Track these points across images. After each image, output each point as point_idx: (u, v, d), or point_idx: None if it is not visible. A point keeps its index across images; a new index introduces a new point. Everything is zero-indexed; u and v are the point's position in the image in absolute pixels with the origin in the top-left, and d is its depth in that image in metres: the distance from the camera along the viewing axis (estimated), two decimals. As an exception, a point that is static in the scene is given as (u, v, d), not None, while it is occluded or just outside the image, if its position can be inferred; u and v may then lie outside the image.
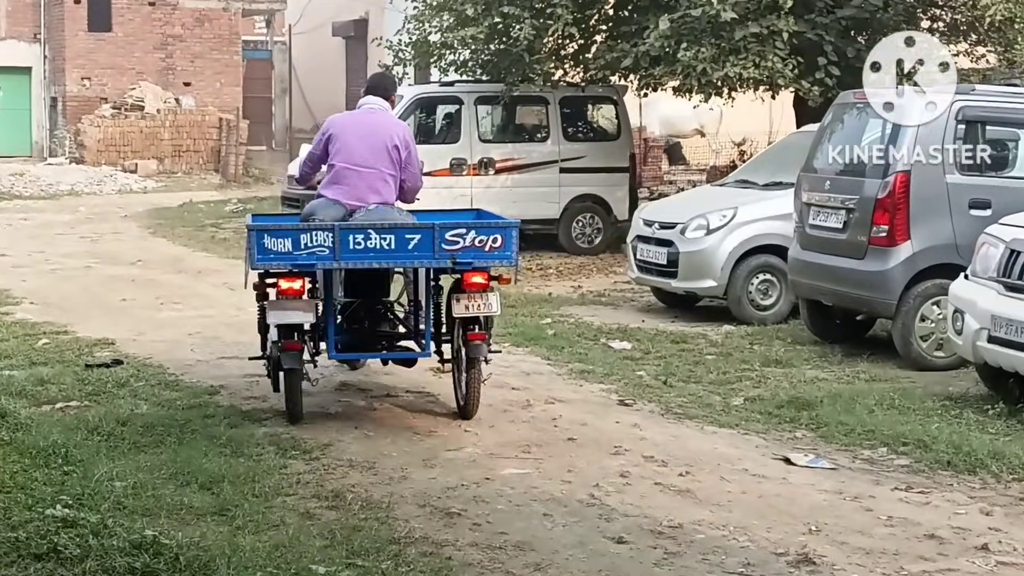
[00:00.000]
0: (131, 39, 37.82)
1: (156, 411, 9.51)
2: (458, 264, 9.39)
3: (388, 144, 9.97)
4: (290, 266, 9.33)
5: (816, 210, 12.60)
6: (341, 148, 9.96)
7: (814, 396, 10.35)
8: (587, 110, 22.01)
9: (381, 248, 9.29)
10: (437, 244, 9.32)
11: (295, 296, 9.32)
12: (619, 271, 17.98)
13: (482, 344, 9.51)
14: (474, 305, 9.43)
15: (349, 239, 9.24)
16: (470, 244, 9.38)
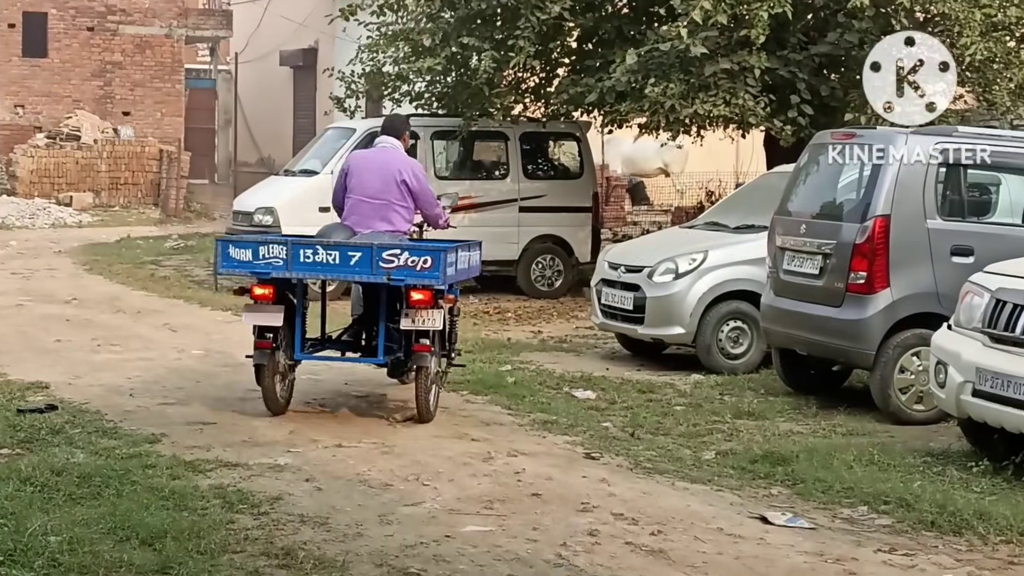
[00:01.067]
0: (68, 66, 37.16)
1: (93, 460, 8.96)
2: (392, 280, 10.50)
3: (397, 178, 11.32)
4: (249, 273, 10.74)
5: (791, 255, 12.20)
6: (356, 183, 11.40)
7: (789, 450, 9.96)
8: (548, 147, 21.66)
9: (327, 262, 10.51)
10: (375, 262, 10.44)
11: (265, 301, 10.63)
12: (581, 316, 17.60)
13: (427, 355, 10.59)
14: (419, 319, 10.50)
15: (300, 252, 10.50)
16: (403, 264, 10.44)
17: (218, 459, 9.19)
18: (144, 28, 37.71)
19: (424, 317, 10.50)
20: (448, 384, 12.34)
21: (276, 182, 21.06)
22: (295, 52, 38.20)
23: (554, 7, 17.45)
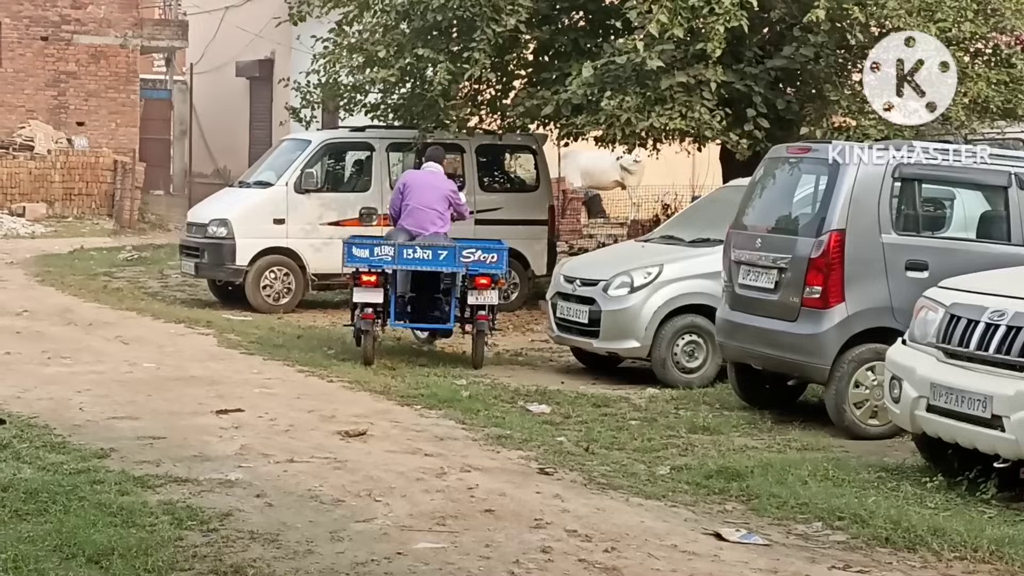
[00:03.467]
0: (21, 75, 36.74)
1: (40, 476, 8.83)
2: (470, 270, 14.76)
3: (443, 194, 15.70)
4: (367, 266, 14.70)
5: (746, 269, 12.17)
6: (415, 195, 15.61)
7: (744, 466, 9.92)
8: (504, 159, 21.60)
9: (423, 258, 14.74)
10: (458, 257, 14.75)
11: (371, 285, 14.65)
12: (537, 329, 17.55)
13: (485, 322, 14.86)
14: (481, 297, 14.78)
15: (403, 251, 14.72)
16: (477, 259, 14.83)
17: (168, 474, 9.06)
18: (99, 38, 37.37)
19: (486, 295, 14.73)
20: (401, 398, 12.31)
21: (230, 194, 20.92)
22: (251, 63, 38.00)
23: (510, 20, 17.40)
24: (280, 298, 19.38)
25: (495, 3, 17.48)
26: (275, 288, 19.36)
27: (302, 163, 19.63)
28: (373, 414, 11.57)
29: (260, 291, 19.25)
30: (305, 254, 19.45)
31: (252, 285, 19.22)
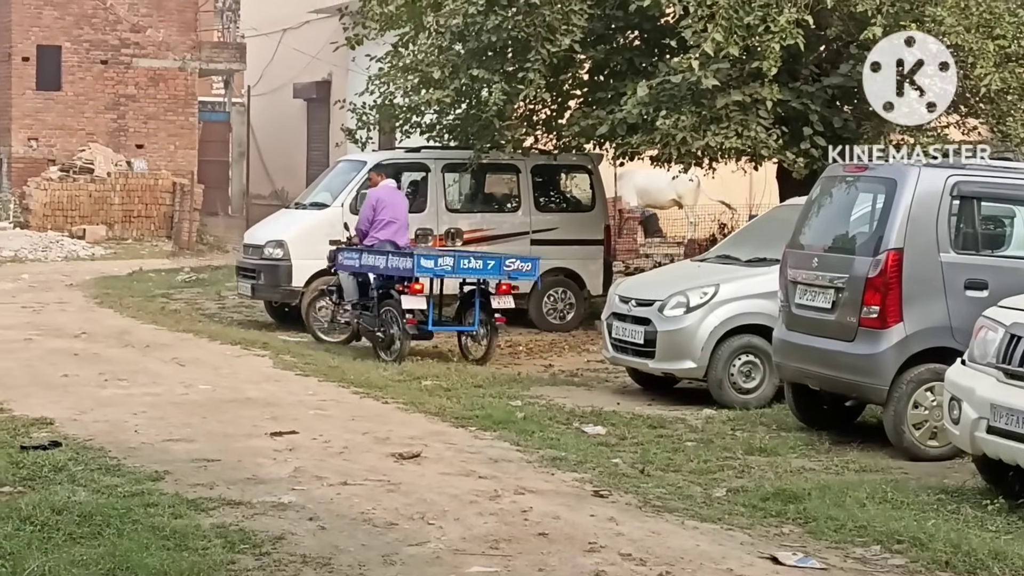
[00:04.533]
0: (82, 99, 37.06)
1: (95, 499, 8.83)
2: (511, 277, 16.68)
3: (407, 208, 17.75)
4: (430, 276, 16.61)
5: (803, 289, 12.06)
6: (390, 210, 17.36)
7: (801, 488, 9.80)
8: (560, 179, 21.55)
9: (476, 267, 16.46)
10: (502, 267, 16.45)
11: (418, 293, 16.26)
12: (592, 349, 17.46)
13: (502, 324, 17.06)
14: (502, 302, 16.70)
15: (460, 261, 16.42)
16: (516, 268, 16.61)
17: (221, 497, 9.05)
18: (158, 61, 37.67)
19: (505, 300, 16.64)
20: (455, 419, 12.28)
21: (287, 215, 20.97)
22: (308, 85, 38.19)
23: (564, 40, 17.38)
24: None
25: (549, 23, 17.46)
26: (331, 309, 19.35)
27: (358, 184, 19.64)
28: (427, 436, 11.52)
29: (317, 312, 19.26)
30: (362, 275, 19.44)
31: (308, 306, 19.24)
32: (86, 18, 36.94)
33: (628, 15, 17.83)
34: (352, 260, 17.27)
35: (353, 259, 17.25)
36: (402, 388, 14.14)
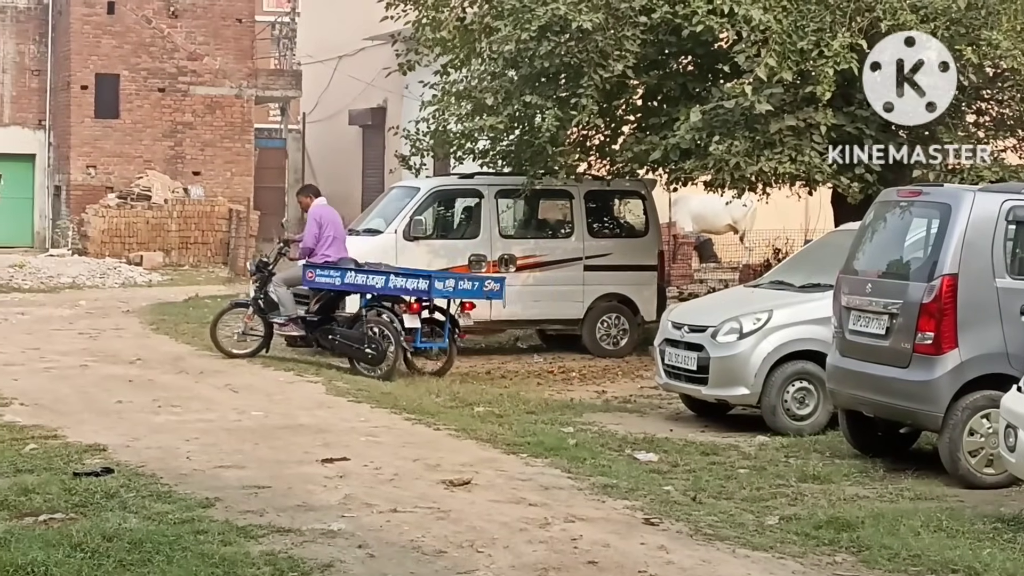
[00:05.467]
0: (139, 126, 37.42)
1: (145, 525, 8.84)
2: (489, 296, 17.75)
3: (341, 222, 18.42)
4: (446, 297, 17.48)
5: (856, 314, 11.96)
6: (333, 228, 17.98)
7: (855, 516, 9.71)
8: (613, 205, 21.50)
9: (469, 289, 17.42)
10: (482, 288, 17.45)
11: (416, 312, 17.25)
12: (646, 375, 17.37)
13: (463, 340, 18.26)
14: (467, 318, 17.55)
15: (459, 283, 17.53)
16: (491, 288, 17.51)
17: (271, 524, 9.02)
18: (214, 88, 37.98)
19: (469, 318, 17.55)
20: (507, 446, 12.25)
21: (341, 241, 20.98)
22: (364, 111, 38.37)
23: (617, 65, 17.36)
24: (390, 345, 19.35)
25: (602, 49, 17.46)
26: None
27: (411, 210, 19.68)
28: (478, 463, 11.48)
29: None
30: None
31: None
32: (144, 47, 37.32)
33: (681, 40, 17.80)
34: (332, 278, 17.44)
35: (333, 277, 17.43)
36: (454, 415, 14.12)
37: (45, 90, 38.73)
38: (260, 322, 17.97)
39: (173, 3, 37.41)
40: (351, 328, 17.31)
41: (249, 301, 18.20)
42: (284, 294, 17.78)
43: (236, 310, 18.62)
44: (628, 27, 17.41)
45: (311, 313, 17.73)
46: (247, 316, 18.09)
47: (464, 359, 19.69)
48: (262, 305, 17.86)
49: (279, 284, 17.87)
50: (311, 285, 17.66)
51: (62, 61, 37.79)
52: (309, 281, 17.57)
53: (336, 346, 17.49)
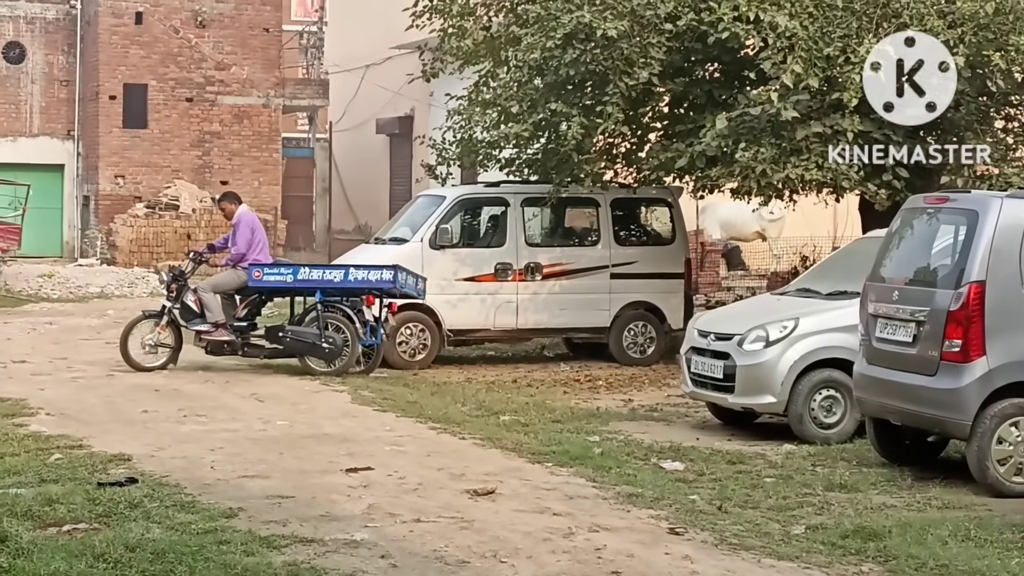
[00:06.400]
0: (167, 136, 37.52)
1: (168, 536, 8.84)
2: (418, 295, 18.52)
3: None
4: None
5: (883, 322, 11.86)
6: (261, 235, 18.32)
7: (882, 525, 9.63)
8: (640, 212, 21.44)
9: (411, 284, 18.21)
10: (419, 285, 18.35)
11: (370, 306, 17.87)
12: (673, 384, 17.29)
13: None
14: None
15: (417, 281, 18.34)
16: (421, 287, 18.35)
17: (294, 534, 9.01)
18: (242, 98, 38.06)
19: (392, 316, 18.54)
20: (532, 455, 12.20)
21: (367, 250, 20.98)
22: (391, 120, 38.41)
23: (642, 73, 17.30)
24: (416, 354, 19.38)
25: (628, 57, 17.40)
26: (411, 344, 19.38)
27: (437, 219, 19.65)
28: (503, 472, 11.44)
29: (396, 347, 19.28)
30: (441, 310, 19.45)
31: (388, 341, 19.25)
32: (172, 56, 37.42)
33: (707, 47, 17.73)
34: (282, 276, 17.82)
35: (284, 275, 17.83)
36: (479, 424, 14.09)
37: (74, 100, 38.86)
38: (171, 333, 17.71)
39: (200, 13, 37.49)
40: (299, 325, 17.58)
41: (163, 312, 17.73)
42: (212, 300, 17.74)
43: (146, 321, 17.97)
44: (653, 34, 17.36)
45: (238, 319, 17.84)
46: (160, 327, 17.68)
47: (490, 368, 19.70)
48: (179, 314, 17.70)
49: (206, 290, 17.82)
50: (259, 284, 17.83)
51: (90, 71, 37.92)
52: (256, 280, 17.72)
53: (288, 344, 17.57)
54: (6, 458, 11.40)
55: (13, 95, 38.81)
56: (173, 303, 17.71)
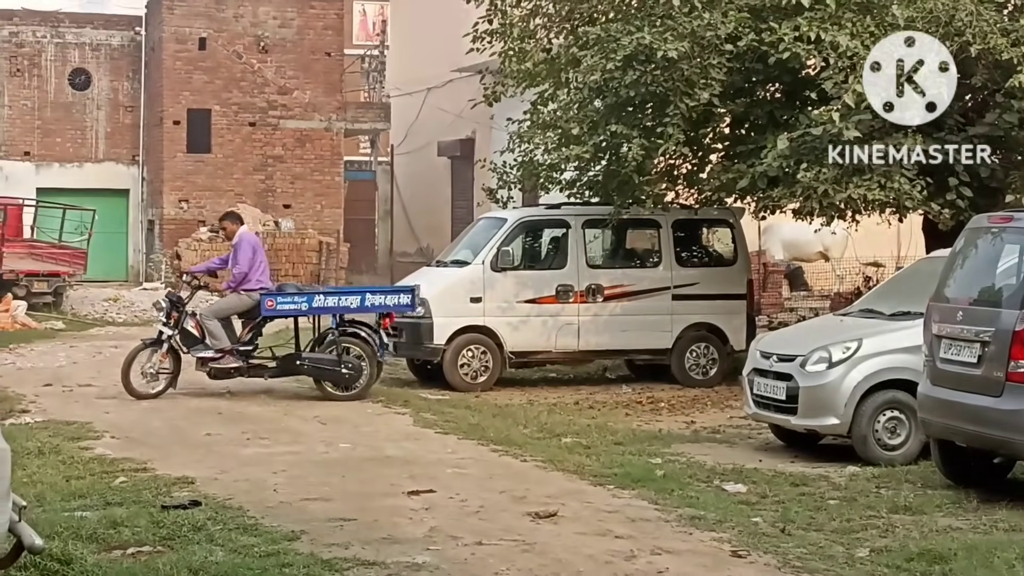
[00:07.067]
0: (230, 160, 37.77)
1: (231, 559, 8.87)
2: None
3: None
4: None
5: (948, 343, 11.75)
6: (259, 252, 18.06)
7: (947, 548, 9.50)
8: (701, 234, 21.39)
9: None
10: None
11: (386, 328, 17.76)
12: (735, 405, 17.22)
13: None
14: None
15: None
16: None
17: (355, 557, 9.02)
18: (304, 122, 38.27)
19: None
20: (594, 477, 12.16)
21: (428, 273, 21.07)
22: (452, 143, 38.49)
23: (703, 94, 17.26)
24: (478, 376, 19.41)
25: (688, 78, 17.37)
26: (472, 366, 19.41)
27: (498, 242, 19.69)
28: (565, 494, 11.42)
29: (458, 369, 19.31)
30: (502, 332, 19.48)
31: (450, 364, 19.30)
32: (235, 81, 37.70)
33: (768, 68, 17.68)
34: (296, 304, 17.60)
35: (298, 303, 17.59)
36: (541, 446, 14.07)
37: (138, 126, 39.22)
38: (170, 359, 17.32)
39: (263, 38, 37.75)
40: (315, 351, 17.50)
41: (160, 339, 17.35)
42: (216, 326, 17.47)
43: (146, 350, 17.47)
44: (714, 55, 17.32)
45: (243, 343, 17.63)
46: (161, 355, 17.27)
47: (552, 390, 19.68)
48: (180, 341, 17.38)
49: (209, 317, 17.53)
50: (272, 314, 17.67)
51: (155, 97, 38.26)
52: (269, 310, 17.51)
53: (306, 370, 17.49)
54: (72, 481, 11.50)
55: (79, 121, 39.22)
56: (173, 330, 17.32)
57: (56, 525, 9.44)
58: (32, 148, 38.86)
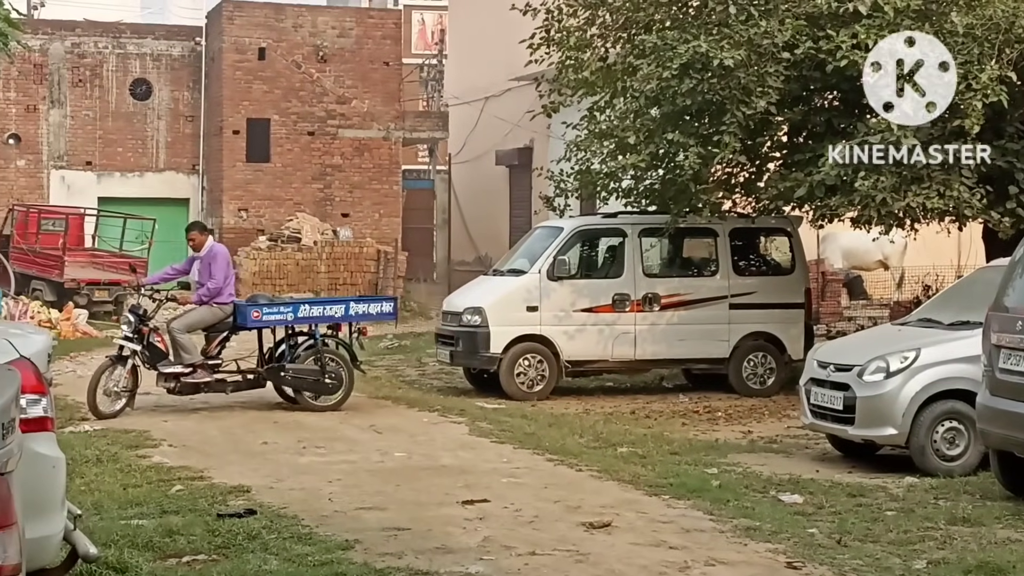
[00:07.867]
0: (289, 169, 37.92)
1: (285, 567, 8.88)
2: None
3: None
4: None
5: (1007, 353, 11.64)
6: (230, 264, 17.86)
7: (1006, 560, 9.39)
8: (759, 242, 21.31)
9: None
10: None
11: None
12: (793, 415, 17.11)
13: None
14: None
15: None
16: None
17: (409, 567, 9.00)
18: (363, 131, 38.37)
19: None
20: (649, 488, 12.12)
21: (485, 282, 21.10)
22: (510, 151, 38.54)
23: (760, 102, 17.21)
24: (534, 385, 19.41)
25: (745, 86, 17.33)
26: (529, 375, 19.41)
27: (555, 250, 19.69)
28: (619, 504, 11.37)
29: (514, 378, 19.32)
30: (559, 341, 19.48)
31: (506, 373, 19.31)
32: (294, 91, 37.85)
33: (825, 76, 17.59)
34: (281, 314, 17.28)
35: (283, 313, 17.30)
36: (596, 456, 14.03)
37: (198, 135, 39.42)
38: (130, 377, 16.46)
39: (322, 48, 37.89)
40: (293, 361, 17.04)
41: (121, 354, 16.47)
42: (187, 341, 16.90)
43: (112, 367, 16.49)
44: (771, 63, 17.27)
45: (211, 356, 17.08)
46: (127, 372, 16.42)
47: (608, 399, 19.65)
48: (147, 356, 16.66)
49: (181, 331, 16.92)
50: (258, 325, 17.25)
51: (214, 107, 38.48)
52: (256, 321, 17.13)
53: (288, 381, 17.10)
54: (129, 489, 11.56)
55: (140, 131, 39.47)
56: (140, 345, 16.53)
57: (113, 533, 9.50)
58: (93, 158, 39.11)
